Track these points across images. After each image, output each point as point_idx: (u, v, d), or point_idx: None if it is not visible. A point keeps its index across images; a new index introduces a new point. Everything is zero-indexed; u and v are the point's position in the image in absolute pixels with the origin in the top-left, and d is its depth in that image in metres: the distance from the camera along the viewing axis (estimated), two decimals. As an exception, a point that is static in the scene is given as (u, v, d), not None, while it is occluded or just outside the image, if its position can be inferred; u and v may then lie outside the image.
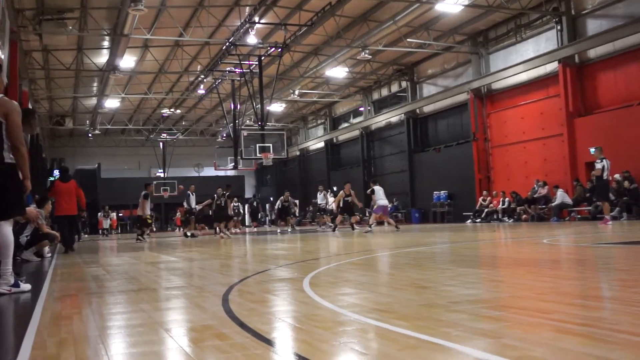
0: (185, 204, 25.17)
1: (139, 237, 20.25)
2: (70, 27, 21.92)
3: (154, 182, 39.20)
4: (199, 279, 6.82)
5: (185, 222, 25.79)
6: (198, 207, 24.71)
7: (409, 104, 32.46)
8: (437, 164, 30.62)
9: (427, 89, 31.64)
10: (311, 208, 40.17)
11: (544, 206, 23.65)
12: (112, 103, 36.19)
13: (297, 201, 28.23)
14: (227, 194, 23.30)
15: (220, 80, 29.23)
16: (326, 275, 6.49)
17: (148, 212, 20.49)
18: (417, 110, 32.41)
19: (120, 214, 43.82)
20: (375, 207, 20.49)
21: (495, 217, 25.82)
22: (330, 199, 27.91)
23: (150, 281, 6.78)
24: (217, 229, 23.61)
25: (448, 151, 30.13)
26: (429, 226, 24.77)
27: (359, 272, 6.67)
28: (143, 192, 20.62)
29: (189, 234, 24.08)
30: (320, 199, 27.54)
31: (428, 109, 31.69)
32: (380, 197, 20.43)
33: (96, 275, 7.69)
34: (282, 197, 26.17)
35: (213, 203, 23.54)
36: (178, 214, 39.90)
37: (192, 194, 24.53)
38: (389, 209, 22.06)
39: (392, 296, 4.62)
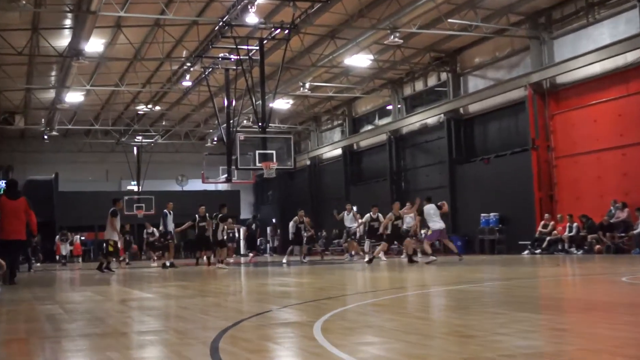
0: (160, 225, 25.22)
1: (102, 267, 20.31)
2: (24, 2, 22.19)
3: (125, 198, 39.39)
4: (181, 321, 6.82)
5: (163, 247, 25.86)
6: (175, 230, 24.76)
7: (449, 101, 32.41)
8: (485, 179, 30.50)
9: (473, 83, 31.59)
10: (324, 233, 40.14)
11: (622, 234, 23.48)
12: (74, 97, 36.32)
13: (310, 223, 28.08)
14: (221, 215, 23.37)
15: (211, 69, 29.36)
16: (343, 318, 6.48)
17: (115, 236, 20.55)
18: (461, 110, 32.34)
19: (82, 237, 44.04)
20: (428, 232, 20.58)
21: (560, 247, 25.66)
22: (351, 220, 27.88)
23: (119, 323, 6.79)
24: (201, 258, 23.66)
25: (500, 162, 30.01)
26: (475, 258, 24.64)
27: (385, 315, 6.65)
28: (110, 210, 20.76)
29: (167, 263, 24.14)
30: (348, 220, 27.49)
31: (474, 108, 31.60)
32: (433, 218, 20.54)
33: (51, 315, 7.73)
34: (295, 218, 26.19)
35: (195, 226, 23.59)
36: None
37: (170, 213, 24.58)
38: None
39: (427, 347, 4.60)
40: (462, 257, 21.42)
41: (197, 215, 23.63)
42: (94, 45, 28.40)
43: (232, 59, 27.77)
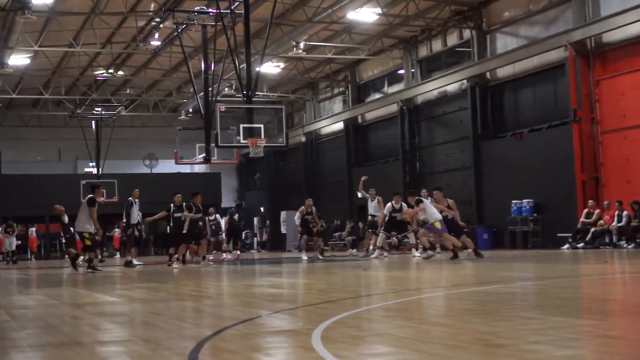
0: (124, 216, 25.19)
1: (89, 267, 20.05)
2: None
3: (82, 182, 39.35)
4: (152, 329, 6.86)
5: (126, 243, 25.88)
6: (146, 220, 24.84)
7: (474, 64, 32.33)
8: (517, 158, 30.47)
9: (502, 42, 31.52)
10: (323, 225, 40.09)
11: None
12: (19, 60, 36.17)
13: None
14: (185, 204, 23.53)
15: (184, 26, 29.26)
16: (348, 325, 6.52)
17: (90, 228, 20.30)
18: (487, 75, 32.27)
19: (31, 229, 44.10)
20: (426, 223, 20.71)
21: (607, 240, 25.70)
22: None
23: (77, 332, 6.83)
24: (174, 255, 23.66)
25: (534, 138, 29.98)
26: (504, 253, 24.68)
27: (397, 321, 6.69)
28: (88, 198, 20.54)
29: (134, 261, 24.16)
30: (372, 208, 27.45)
31: (503, 72, 31.52)
32: (432, 210, 20.70)
33: (-4, 323, 7.76)
34: (302, 208, 26.10)
35: (169, 217, 23.59)
36: (116, 231, 40.03)
37: (135, 202, 24.59)
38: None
39: (446, 358, 4.64)
40: (480, 254, 21.37)
41: (171, 205, 23.61)
42: (43, -4, 28.33)
43: (211, 13, 27.69)
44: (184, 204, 23.60)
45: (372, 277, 14.47)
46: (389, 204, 24.28)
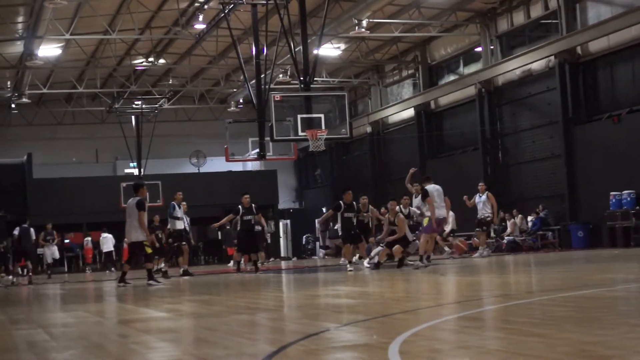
0: (168, 222, 25.50)
1: (151, 275, 20.12)
2: None
3: (123, 184, 39.81)
4: (207, 346, 6.91)
5: (174, 251, 26.09)
6: (213, 226, 25.47)
7: (562, 38, 32.01)
8: (615, 144, 30.12)
9: (595, 12, 31.15)
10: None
11: None
12: (49, 50, 36.70)
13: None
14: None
15: (232, 5, 29.43)
16: (429, 338, 6.50)
17: (144, 236, 20.24)
18: (578, 50, 31.94)
19: (66, 240, 44.68)
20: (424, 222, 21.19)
21: None
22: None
23: (126, 351, 6.91)
24: (246, 262, 24.63)
25: (635, 120, 29.59)
26: (603, 253, 24.40)
27: (485, 332, 6.65)
28: (136, 200, 20.35)
29: (181, 270, 24.52)
30: (481, 204, 27.32)
31: (597, 46, 31.17)
32: (437, 203, 21.37)
33: (33, 342, 7.89)
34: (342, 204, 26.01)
35: (238, 220, 24.31)
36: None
37: (179, 206, 24.86)
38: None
39: (546, 373, 4.60)
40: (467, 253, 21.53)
41: (240, 207, 24.30)
42: (74, -21, 28.72)
43: (262, -9, 27.80)
44: (253, 205, 24.18)
45: (452, 283, 14.42)
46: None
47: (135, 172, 43.79)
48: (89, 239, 42.25)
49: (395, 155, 45.31)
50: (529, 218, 32.51)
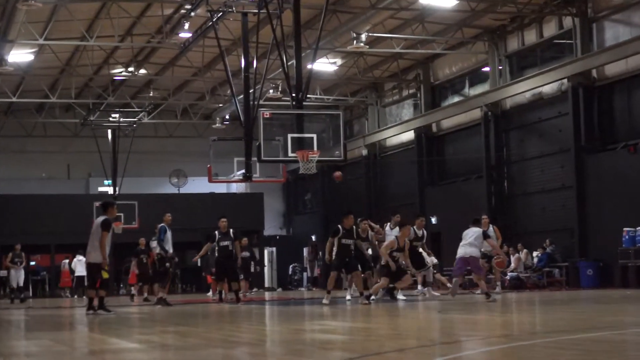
0: (156, 245, 25.50)
1: (96, 307, 20.12)
2: None
3: (95, 204, 39.65)
4: (182, 382, 6.88)
5: (159, 276, 26.04)
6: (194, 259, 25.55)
7: (577, 60, 32.09)
8: (631, 175, 30.16)
9: (612, 32, 31.24)
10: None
11: None
12: (20, 56, 36.63)
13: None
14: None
15: (221, 13, 29.47)
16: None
17: (99, 258, 20.29)
18: (593, 73, 32.00)
19: (32, 262, 44.48)
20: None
21: None
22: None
23: (91, 384, 6.87)
24: (226, 292, 24.78)
25: (652, 151, 29.74)
26: (613, 293, 24.39)
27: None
28: (101, 219, 20.44)
29: (162, 295, 24.45)
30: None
31: (614, 69, 31.23)
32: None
33: (-8, 372, 7.84)
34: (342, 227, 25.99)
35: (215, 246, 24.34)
36: (133, 265, 40.18)
37: (168, 229, 24.88)
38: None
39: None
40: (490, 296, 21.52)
41: (216, 232, 24.38)
42: (51, -21, 28.72)
43: (253, -1, 27.85)
44: (232, 230, 24.24)
45: (450, 321, 14.39)
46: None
47: (110, 190, 43.73)
48: (67, 261, 42.05)
49: (392, 181, 45.32)
50: (535, 253, 32.49)
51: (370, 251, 24.96)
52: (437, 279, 28.09)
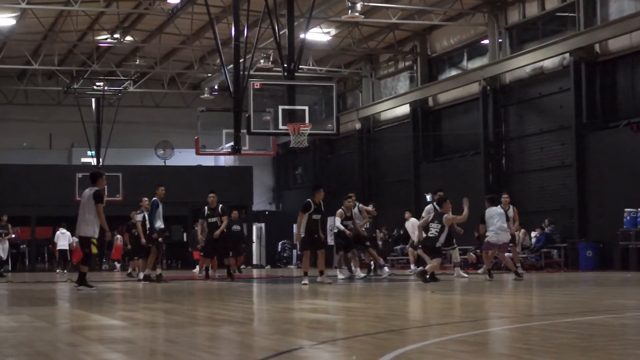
0: (146, 219, 25.49)
1: (84, 279, 20.14)
2: None
3: (78, 175, 39.62)
4: (167, 360, 6.91)
5: (142, 251, 26.00)
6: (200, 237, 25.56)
7: (579, 34, 32.05)
8: (633, 155, 30.17)
9: (617, 5, 31.11)
10: (381, 234, 39.91)
11: None
12: (1, 21, 36.47)
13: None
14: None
15: (211, -20, 29.43)
16: (413, 361, 6.51)
17: (95, 231, 20.27)
18: (596, 48, 31.97)
19: (12, 235, 44.45)
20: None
21: None
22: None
23: (73, 362, 6.89)
24: (214, 269, 24.83)
25: (655, 129, 29.76)
26: (613, 276, 24.45)
27: (474, 357, 6.66)
28: (93, 191, 20.36)
29: (153, 275, 24.44)
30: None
31: (617, 44, 31.22)
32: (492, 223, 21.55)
33: (-30, 348, 7.85)
34: (339, 211, 26.00)
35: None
36: (118, 238, 40.13)
37: (160, 204, 24.82)
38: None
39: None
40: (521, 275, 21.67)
41: (205, 208, 24.51)
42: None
43: (244, -35, 27.76)
44: (221, 206, 24.28)
45: (444, 302, 14.43)
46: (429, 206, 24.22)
47: (93, 161, 43.63)
48: (68, 233, 41.62)
49: (386, 156, 45.30)
50: (533, 233, 32.46)
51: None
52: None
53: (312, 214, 22.31)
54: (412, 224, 29.81)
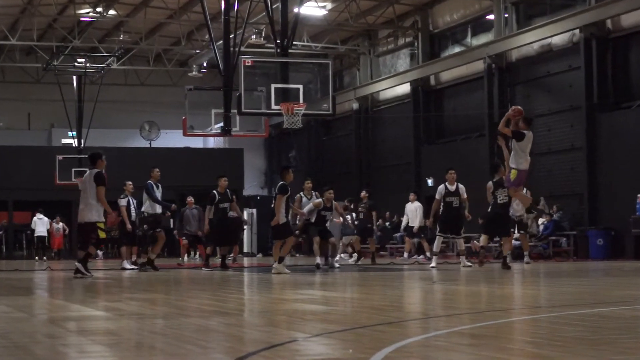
0: (131, 204, 25.53)
1: (83, 270, 20.16)
2: None
3: (58, 157, 39.61)
4: (152, 352, 6.91)
5: (147, 239, 26.04)
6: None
7: (590, 8, 32.06)
8: (645, 137, 30.33)
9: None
10: (379, 222, 39.95)
11: None
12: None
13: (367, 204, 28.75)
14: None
15: (199, -50, 29.39)
16: (413, 355, 6.54)
17: (100, 215, 20.24)
18: (608, 24, 31.98)
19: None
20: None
21: None
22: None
23: (53, 354, 6.88)
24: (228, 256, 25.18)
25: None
26: (626, 265, 24.48)
27: (480, 351, 6.67)
28: (94, 173, 20.33)
29: (127, 265, 24.49)
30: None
31: (630, 20, 31.20)
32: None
33: (-56, 340, 7.85)
34: (318, 201, 26.30)
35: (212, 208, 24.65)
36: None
37: (156, 186, 24.80)
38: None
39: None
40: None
41: (215, 192, 24.58)
42: None
43: None
44: (228, 190, 24.49)
45: (446, 292, 14.44)
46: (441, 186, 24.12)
47: (74, 142, 43.61)
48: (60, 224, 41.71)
49: (385, 137, 45.34)
50: (540, 220, 32.41)
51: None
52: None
53: (289, 197, 22.69)
54: (415, 208, 29.88)
